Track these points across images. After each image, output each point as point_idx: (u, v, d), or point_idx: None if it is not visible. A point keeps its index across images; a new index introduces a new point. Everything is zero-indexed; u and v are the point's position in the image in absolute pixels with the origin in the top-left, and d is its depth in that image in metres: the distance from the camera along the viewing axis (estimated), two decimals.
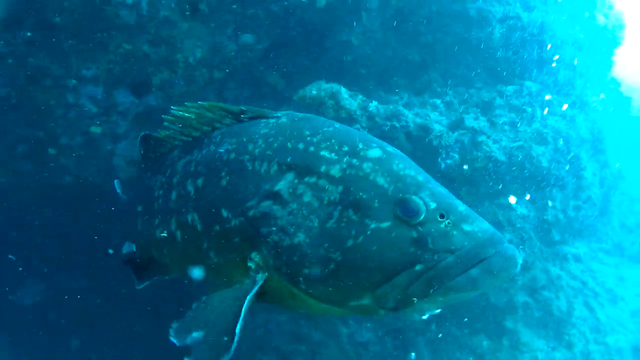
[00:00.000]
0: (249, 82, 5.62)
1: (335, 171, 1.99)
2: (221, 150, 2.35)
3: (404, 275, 1.79)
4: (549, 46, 5.10)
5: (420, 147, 4.36)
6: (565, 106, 4.94)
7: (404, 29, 4.95)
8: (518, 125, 4.60)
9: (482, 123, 4.43)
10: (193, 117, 2.59)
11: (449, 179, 4.32)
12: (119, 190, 3.92)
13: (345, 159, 2.00)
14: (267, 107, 5.49)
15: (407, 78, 5.05)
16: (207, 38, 5.06)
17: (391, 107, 4.36)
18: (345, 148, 2.04)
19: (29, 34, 4.58)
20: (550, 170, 4.71)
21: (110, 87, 5.09)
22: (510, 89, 4.84)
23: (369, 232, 1.84)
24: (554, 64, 5.11)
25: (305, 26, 5.18)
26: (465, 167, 4.26)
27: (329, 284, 1.89)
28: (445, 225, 1.83)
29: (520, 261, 1.80)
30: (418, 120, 4.36)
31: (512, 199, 4.70)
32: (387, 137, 4.30)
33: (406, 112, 4.36)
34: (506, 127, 4.57)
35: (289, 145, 2.13)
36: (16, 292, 6.45)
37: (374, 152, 2.01)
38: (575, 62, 5.23)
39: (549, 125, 4.73)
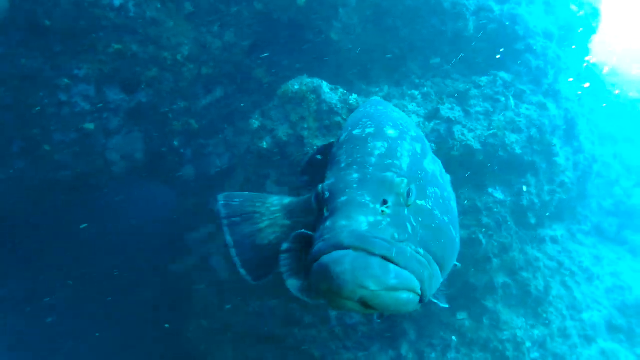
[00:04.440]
0: (236, 78, 5.81)
1: None
2: None
3: None
4: (520, 37, 5.31)
5: None
6: (537, 95, 5.17)
7: (382, 24, 5.15)
8: (492, 115, 4.83)
9: (457, 113, 4.66)
10: None
11: None
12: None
13: None
14: (254, 101, 5.70)
15: (387, 70, 5.26)
16: (193, 36, 5.25)
17: None
18: None
19: (21, 36, 4.76)
20: (523, 157, 4.95)
21: (101, 85, 5.28)
22: (484, 79, 5.06)
23: None
24: (526, 55, 5.33)
25: (288, 23, 5.38)
26: (441, 156, 4.48)
27: None
28: (327, 215, 1.77)
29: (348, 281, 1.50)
30: None
31: (489, 187, 4.93)
32: None
33: None
34: (481, 117, 4.79)
35: None
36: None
37: None
38: (547, 52, 5.45)
39: (522, 114, 4.95)
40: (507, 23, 5.22)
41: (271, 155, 4.66)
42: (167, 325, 6.20)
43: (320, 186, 1.89)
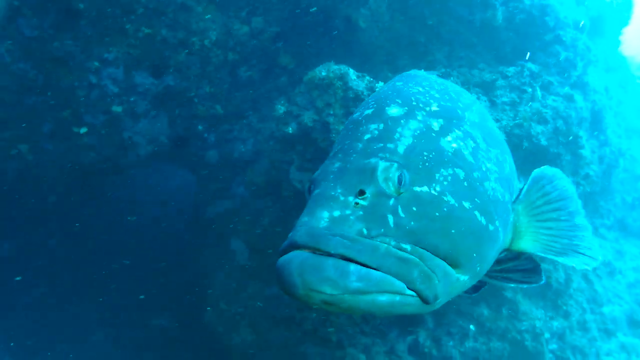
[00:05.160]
0: (262, 63, 5.85)
1: None
2: None
3: None
4: (550, 28, 5.25)
5: None
6: (564, 87, 5.12)
7: (410, 12, 5.14)
8: (518, 105, 4.80)
9: (483, 103, 4.64)
10: None
11: None
12: None
13: None
14: (279, 87, 5.74)
15: (413, 59, 5.25)
16: (221, 21, 5.30)
17: None
18: None
19: (54, 19, 4.85)
20: (549, 148, 4.92)
21: (130, 69, 5.37)
22: (511, 69, 5.02)
23: None
24: (555, 46, 5.27)
25: (316, 10, 5.39)
26: None
27: None
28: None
29: (298, 279, 1.40)
30: None
31: None
32: None
33: None
34: (507, 107, 4.77)
35: None
36: None
37: None
38: (577, 44, 5.38)
39: (548, 105, 4.92)
40: (537, 13, 5.16)
41: (296, 140, 4.70)
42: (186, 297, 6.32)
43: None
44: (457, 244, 1.61)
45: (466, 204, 1.69)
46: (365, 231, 1.47)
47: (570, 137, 4.99)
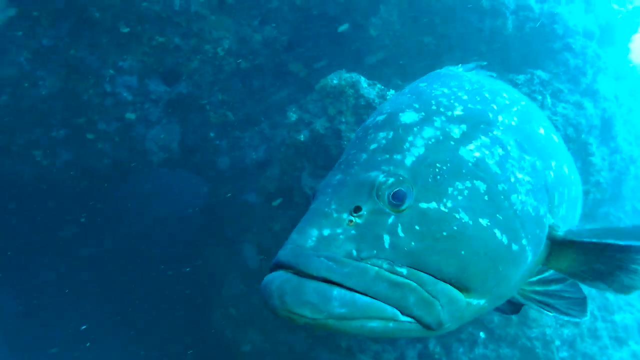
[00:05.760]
0: (273, 71, 5.93)
1: None
2: None
3: None
4: (559, 36, 5.29)
5: None
6: (574, 94, 5.14)
7: (420, 20, 5.19)
8: None
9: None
10: None
11: None
12: None
13: None
14: (290, 94, 5.81)
15: (423, 67, 5.30)
16: (234, 29, 5.38)
17: None
18: None
19: (70, 27, 4.95)
20: None
21: (143, 77, 5.46)
22: (521, 77, 5.05)
23: None
24: (565, 53, 5.30)
25: (326, 18, 5.46)
26: None
27: None
28: None
29: (279, 301, 1.34)
30: None
31: None
32: None
33: None
34: None
35: None
36: None
37: None
38: (586, 51, 5.41)
39: (558, 112, 4.94)
40: (546, 22, 5.20)
41: (308, 148, 4.75)
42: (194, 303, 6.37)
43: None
44: (467, 266, 1.48)
45: (484, 221, 1.54)
46: (354, 252, 1.39)
47: (580, 144, 5.01)
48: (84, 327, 6.26)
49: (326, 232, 1.43)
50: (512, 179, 1.69)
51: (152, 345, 6.63)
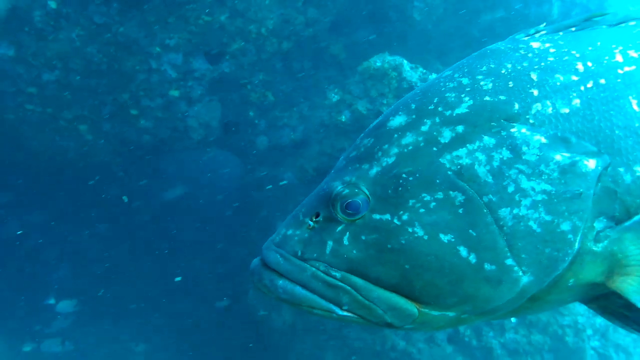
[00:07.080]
0: (314, 52, 5.98)
1: None
2: None
3: None
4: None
5: None
6: None
7: (464, 5, 5.18)
8: None
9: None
10: None
11: None
12: None
13: None
14: (330, 76, 5.86)
15: (466, 52, 5.29)
16: (278, 11, 5.44)
17: None
18: None
19: (120, 5, 5.08)
20: None
21: (188, 55, 5.57)
22: None
23: None
24: None
25: (370, 1, 5.48)
26: None
27: None
28: None
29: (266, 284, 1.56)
30: None
31: None
32: None
33: None
34: None
35: None
36: None
37: None
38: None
39: None
40: (594, 8, 5.13)
41: (348, 128, 4.82)
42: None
43: None
44: (412, 280, 1.48)
45: (445, 237, 1.47)
46: (299, 253, 1.55)
47: None
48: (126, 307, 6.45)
49: (290, 232, 1.60)
50: (511, 189, 1.48)
51: (194, 322, 6.80)
